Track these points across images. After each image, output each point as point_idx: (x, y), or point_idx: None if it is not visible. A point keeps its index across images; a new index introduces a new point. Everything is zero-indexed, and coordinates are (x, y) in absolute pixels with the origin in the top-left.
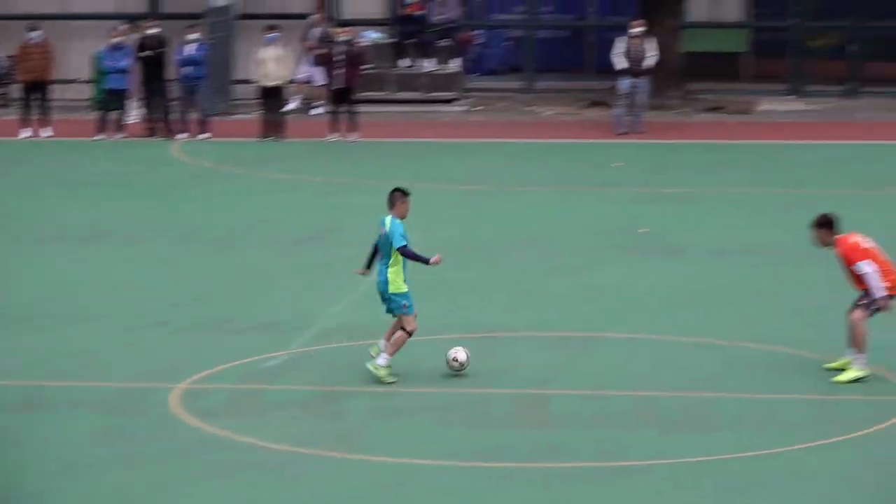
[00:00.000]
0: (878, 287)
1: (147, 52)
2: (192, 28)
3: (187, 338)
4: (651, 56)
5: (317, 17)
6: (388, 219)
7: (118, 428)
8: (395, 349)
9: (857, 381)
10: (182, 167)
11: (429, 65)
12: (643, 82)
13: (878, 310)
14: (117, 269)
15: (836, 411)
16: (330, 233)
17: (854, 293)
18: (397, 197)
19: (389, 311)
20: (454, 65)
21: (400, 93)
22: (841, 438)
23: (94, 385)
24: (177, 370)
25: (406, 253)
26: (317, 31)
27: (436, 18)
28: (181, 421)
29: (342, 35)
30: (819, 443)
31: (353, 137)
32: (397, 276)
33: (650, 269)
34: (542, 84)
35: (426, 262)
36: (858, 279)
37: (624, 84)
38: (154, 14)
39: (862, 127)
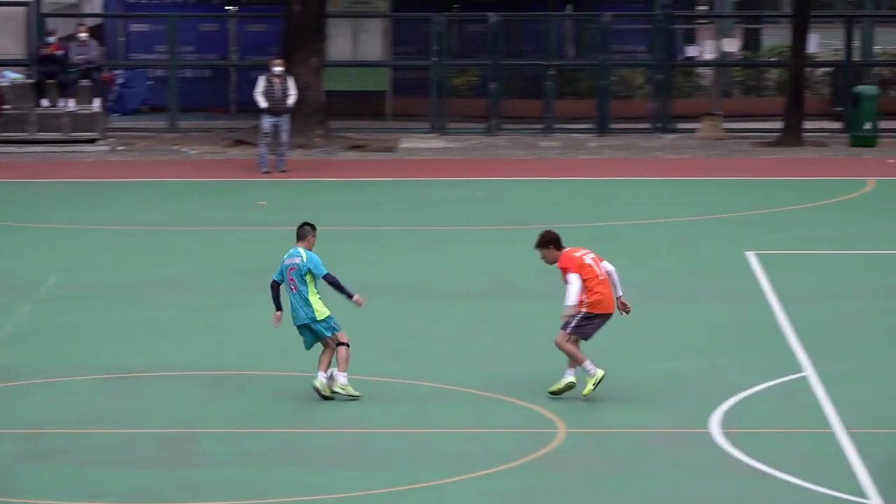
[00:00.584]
0: (571, 297)
1: None
2: None
3: None
4: (292, 95)
5: None
6: (302, 250)
7: None
8: (346, 365)
9: (597, 384)
10: None
11: (69, 105)
12: (285, 120)
13: (573, 326)
14: None
15: (490, 444)
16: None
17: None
18: (308, 231)
19: (314, 341)
20: (95, 105)
21: (40, 133)
22: (493, 470)
23: None
24: None
25: (333, 281)
26: None
27: (76, 58)
28: None
29: None
30: (471, 475)
31: None
32: (320, 303)
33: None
34: (185, 123)
35: (350, 296)
36: None
37: (266, 123)
38: None
39: (502, 163)
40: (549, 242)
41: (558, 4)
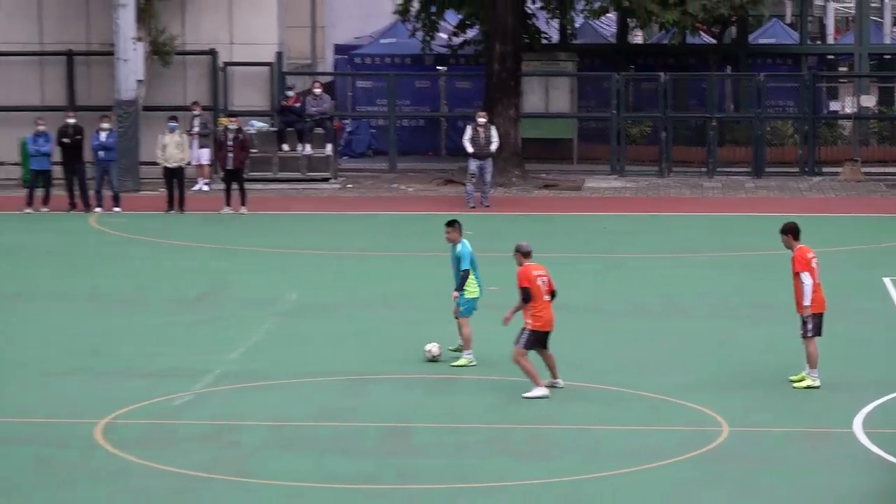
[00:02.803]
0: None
1: (66, 139)
2: (104, 118)
3: (105, 381)
4: (494, 142)
5: (196, 107)
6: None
7: (50, 456)
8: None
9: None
10: (97, 236)
11: (306, 149)
12: (488, 163)
13: None
14: (41, 325)
15: (658, 440)
16: (222, 291)
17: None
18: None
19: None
20: (328, 149)
21: (281, 173)
22: (660, 463)
23: (25, 421)
24: (97, 408)
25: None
26: (197, 120)
27: (311, 110)
28: (103, 450)
29: (232, 124)
30: (641, 468)
31: (242, 210)
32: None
33: (495, 321)
34: (403, 165)
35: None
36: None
37: (472, 165)
38: (72, 106)
39: (671, 201)
40: (788, 231)
41: (719, 65)
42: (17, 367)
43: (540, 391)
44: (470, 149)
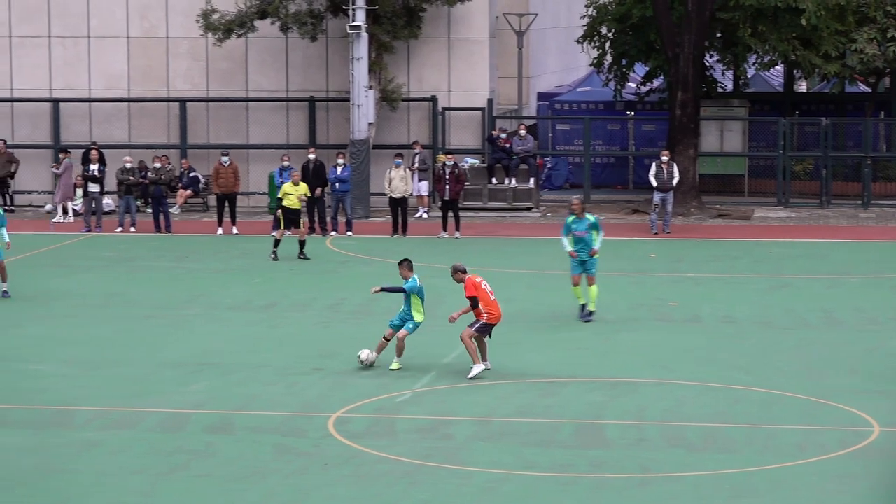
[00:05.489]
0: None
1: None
2: (340, 154)
3: (336, 380)
4: (675, 177)
5: (417, 146)
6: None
7: (289, 445)
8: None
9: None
10: (333, 256)
11: (512, 182)
12: (670, 196)
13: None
14: (279, 331)
15: (818, 437)
16: (439, 305)
17: None
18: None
19: None
20: (531, 183)
21: (490, 202)
22: (821, 458)
23: (268, 414)
24: (330, 403)
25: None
26: (417, 157)
27: (517, 149)
28: (335, 440)
29: (448, 160)
30: (805, 461)
31: (457, 235)
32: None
33: (674, 332)
34: (596, 196)
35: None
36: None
37: (656, 197)
38: (313, 144)
39: (830, 229)
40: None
41: (874, 111)
42: (259, 368)
43: (478, 368)
44: (654, 183)
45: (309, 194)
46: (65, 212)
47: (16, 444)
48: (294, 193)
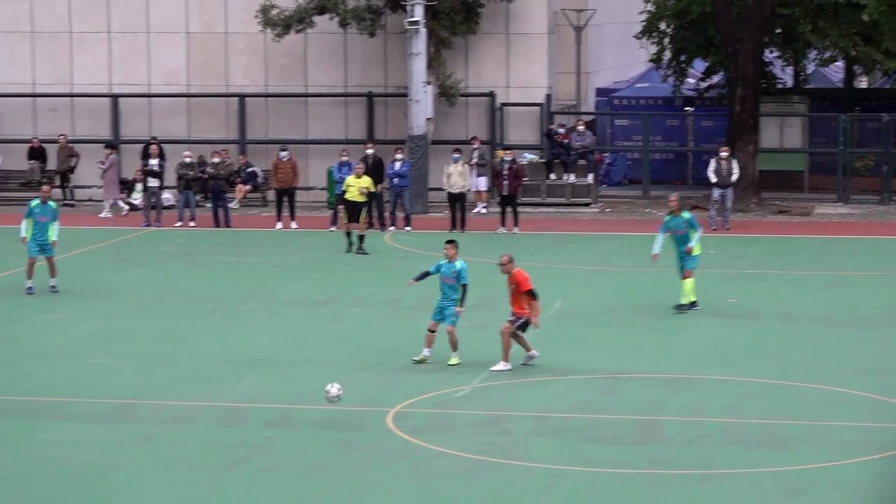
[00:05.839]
0: None
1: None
2: (398, 150)
3: (395, 375)
4: (735, 173)
5: (476, 141)
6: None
7: (348, 440)
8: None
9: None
10: (391, 251)
11: (570, 178)
12: (729, 192)
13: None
14: (338, 326)
15: (878, 434)
16: (496, 302)
17: None
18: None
19: None
20: (589, 178)
21: (549, 198)
22: (882, 455)
23: (328, 409)
24: (389, 398)
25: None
26: (476, 152)
27: (575, 144)
28: (394, 434)
29: (507, 155)
30: (863, 459)
31: (515, 230)
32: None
33: (734, 329)
34: (654, 192)
35: None
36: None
37: (716, 193)
38: (371, 140)
39: (891, 226)
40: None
41: None
42: (318, 363)
43: (504, 366)
44: (713, 179)
45: (372, 188)
46: (114, 207)
47: (77, 437)
48: (356, 186)
